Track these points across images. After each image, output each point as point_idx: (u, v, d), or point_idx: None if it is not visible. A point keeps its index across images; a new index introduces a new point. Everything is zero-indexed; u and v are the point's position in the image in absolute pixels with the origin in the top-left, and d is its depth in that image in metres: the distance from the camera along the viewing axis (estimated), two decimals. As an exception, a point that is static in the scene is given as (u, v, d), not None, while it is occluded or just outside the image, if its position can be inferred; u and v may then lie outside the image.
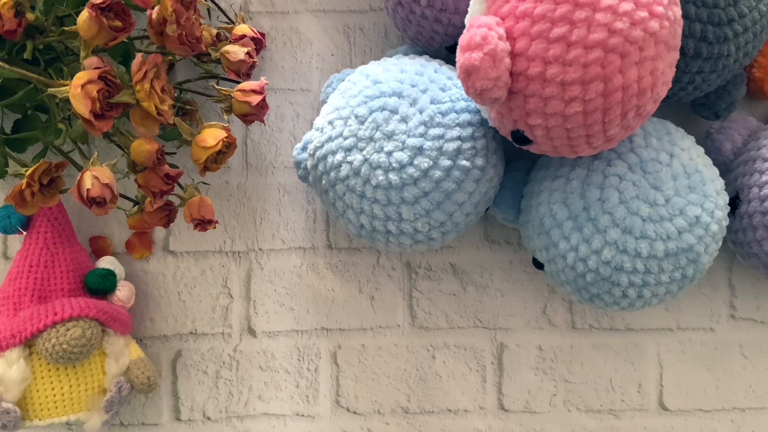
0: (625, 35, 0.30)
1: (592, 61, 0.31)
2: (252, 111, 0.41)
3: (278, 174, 0.50)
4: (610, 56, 0.31)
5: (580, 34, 0.31)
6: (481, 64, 0.31)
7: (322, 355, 0.50)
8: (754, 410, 0.50)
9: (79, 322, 0.42)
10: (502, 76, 0.32)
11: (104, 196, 0.35)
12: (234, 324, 0.50)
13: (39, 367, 0.42)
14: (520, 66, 0.32)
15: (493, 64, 0.31)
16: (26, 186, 0.35)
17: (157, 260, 0.49)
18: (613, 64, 0.31)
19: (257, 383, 0.50)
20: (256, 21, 0.49)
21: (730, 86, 0.43)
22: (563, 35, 0.31)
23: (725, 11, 0.37)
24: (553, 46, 0.31)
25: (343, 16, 0.50)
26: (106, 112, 0.33)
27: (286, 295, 0.50)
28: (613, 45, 0.31)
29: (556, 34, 0.31)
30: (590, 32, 0.31)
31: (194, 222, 0.42)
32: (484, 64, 0.31)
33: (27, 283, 0.43)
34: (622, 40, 0.30)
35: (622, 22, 0.30)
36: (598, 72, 0.31)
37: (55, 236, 0.44)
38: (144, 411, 0.50)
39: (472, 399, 0.50)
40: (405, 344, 0.50)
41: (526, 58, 0.32)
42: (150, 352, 0.49)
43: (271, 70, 0.50)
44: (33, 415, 0.42)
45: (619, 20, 0.30)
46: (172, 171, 0.40)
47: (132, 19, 0.34)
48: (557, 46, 0.31)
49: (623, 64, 0.31)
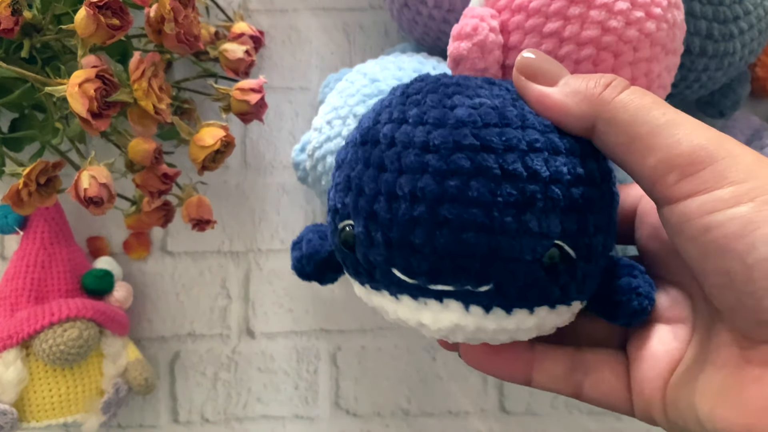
0: (618, 34, 0.30)
1: (584, 58, 0.30)
2: (250, 110, 0.41)
3: (277, 174, 0.49)
4: (603, 54, 0.30)
5: (573, 30, 0.30)
6: (468, 54, 0.31)
7: (322, 357, 0.49)
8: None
9: (76, 323, 0.41)
10: (490, 67, 0.32)
11: (102, 196, 0.35)
12: (232, 325, 0.49)
13: (36, 369, 0.41)
14: (513, 59, 0.32)
15: (482, 54, 0.31)
16: (23, 186, 0.35)
17: (154, 261, 0.49)
18: (606, 63, 0.31)
19: (256, 385, 0.49)
20: (254, 19, 0.49)
21: (735, 84, 0.43)
22: (556, 30, 0.31)
23: (730, 8, 0.37)
24: (546, 41, 0.31)
25: (343, 15, 0.49)
26: (103, 111, 0.33)
27: (285, 296, 0.49)
28: (606, 43, 0.30)
29: (550, 29, 0.31)
30: (583, 29, 0.30)
31: (192, 222, 0.42)
32: (471, 54, 0.31)
33: (24, 284, 0.43)
34: (615, 39, 0.30)
35: (616, 21, 0.30)
36: (590, 69, 0.31)
37: (52, 236, 0.44)
38: (142, 412, 0.49)
39: (473, 401, 0.50)
40: (405, 346, 0.49)
41: (519, 51, 0.32)
42: (148, 354, 0.49)
43: (270, 68, 0.49)
44: (30, 416, 0.41)
45: (614, 18, 0.30)
46: (170, 170, 0.39)
47: (130, 18, 0.33)
48: (550, 41, 0.31)
49: (616, 64, 0.31)
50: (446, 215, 0.20)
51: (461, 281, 0.21)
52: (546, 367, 0.24)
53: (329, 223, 0.25)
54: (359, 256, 0.23)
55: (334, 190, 0.24)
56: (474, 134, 0.21)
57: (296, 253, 0.28)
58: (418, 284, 0.21)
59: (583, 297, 0.23)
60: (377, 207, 0.21)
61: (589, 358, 0.24)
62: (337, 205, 0.24)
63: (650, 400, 0.22)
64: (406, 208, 0.20)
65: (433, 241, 0.20)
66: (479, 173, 0.20)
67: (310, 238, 0.27)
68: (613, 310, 0.23)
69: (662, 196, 0.20)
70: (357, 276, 0.24)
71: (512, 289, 0.21)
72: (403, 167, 0.21)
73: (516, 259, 0.20)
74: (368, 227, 0.22)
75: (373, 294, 0.24)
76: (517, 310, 0.21)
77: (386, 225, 0.21)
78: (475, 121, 0.21)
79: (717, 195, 0.19)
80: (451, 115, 0.21)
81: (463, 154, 0.20)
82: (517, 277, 0.21)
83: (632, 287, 0.23)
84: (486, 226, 0.20)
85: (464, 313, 0.21)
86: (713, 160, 0.19)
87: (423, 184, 0.20)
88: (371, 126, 0.23)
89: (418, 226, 0.20)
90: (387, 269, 0.22)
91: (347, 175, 0.23)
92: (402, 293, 0.22)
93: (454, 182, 0.20)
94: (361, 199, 0.22)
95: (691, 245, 0.20)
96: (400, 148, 0.21)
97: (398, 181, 0.21)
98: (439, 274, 0.21)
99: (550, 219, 0.20)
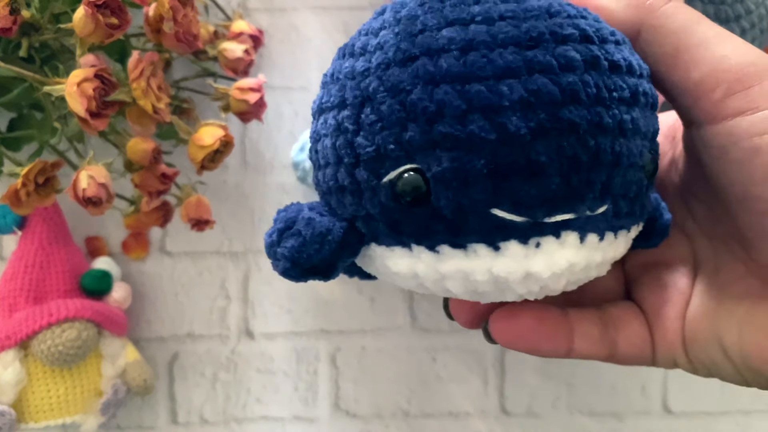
0: None
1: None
2: (250, 109, 0.41)
3: (277, 173, 0.49)
4: None
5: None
6: None
7: (321, 358, 0.49)
8: (759, 413, 0.49)
9: (74, 324, 0.41)
10: None
11: (100, 196, 0.35)
12: (232, 326, 0.49)
13: (34, 369, 0.41)
14: None
15: None
16: (21, 186, 0.35)
17: (153, 261, 0.49)
18: None
19: (255, 386, 0.49)
20: (254, 18, 0.49)
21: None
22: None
23: (732, 8, 0.37)
24: None
25: (342, 14, 0.49)
26: (102, 111, 0.33)
27: (284, 297, 0.49)
28: None
29: None
30: None
31: (191, 222, 0.42)
32: None
33: (22, 284, 0.43)
34: None
35: None
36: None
37: (51, 236, 0.44)
38: (140, 413, 0.49)
39: (473, 402, 0.49)
40: (405, 346, 0.49)
41: None
42: (147, 354, 0.49)
43: (270, 67, 0.49)
44: (28, 417, 0.41)
45: None
46: (169, 170, 0.39)
47: (128, 17, 0.33)
48: None
49: None
50: (572, 119, 0.17)
51: (587, 202, 0.17)
52: (584, 331, 0.23)
53: (366, 179, 0.19)
54: (443, 203, 0.18)
55: (366, 132, 0.18)
56: (569, 24, 0.17)
57: (292, 241, 0.20)
58: (529, 221, 0.17)
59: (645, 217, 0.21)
60: (472, 129, 0.17)
61: (615, 314, 0.23)
62: (383, 149, 0.18)
63: (672, 342, 0.22)
64: (518, 120, 0.16)
65: (561, 155, 0.17)
66: (591, 66, 0.17)
67: (307, 217, 0.20)
68: (650, 229, 0.22)
69: (706, 114, 0.19)
70: (428, 239, 0.18)
71: (625, 205, 0.18)
72: (499, 71, 0.17)
73: (632, 164, 0.18)
74: (461, 159, 0.17)
75: (448, 257, 0.18)
76: (621, 232, 0.19)
77: (491, 149, 0.17)
78: (558, 12, 0.18)
79: (766, 115, 0.18)
80: (525, 5, 0.18)
81: (569, 46, 0.17)
82: (631, 189, 0.18)
83: (658, 201, 0.22)
84: (610, 127, 0.17)
85: (579, 247, 0.18)
86: (763, 78, 0.18)
87: (536, 85, 0.16)
88: (410, 40, 0.18)
89: (540, 140, 0.16)
90: (486, 212, 0.17)
91: (399, 101, 0.17)
92: (507, 239, 0.18)
93: (571, 78, 0.17)
94: (439, 126, 0.17)
95: (737, 168, 0.18)
96: (485, 50, 0.17)
97: (498, 89, 0.16)
98: (565, 199, 0.17)
99: (647, 117, 0.19)
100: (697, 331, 0.21)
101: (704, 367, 0.22)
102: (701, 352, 0.21)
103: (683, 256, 0.23)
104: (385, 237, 0.19)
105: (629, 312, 0.23)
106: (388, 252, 0.20)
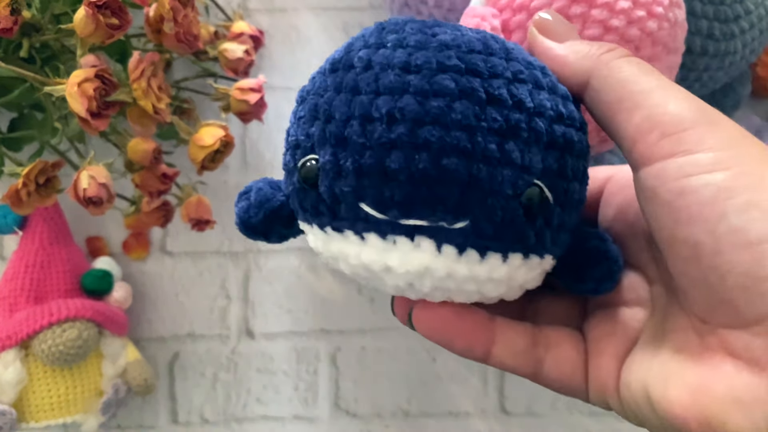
0: (620, 33, 0.30)
1: None
2: (250, 109, 0.41)
3: (277, 173, 0.49)
4: None
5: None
6: None
7: (321, 358, 0.49)
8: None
9: (75, 324, 0.41)
10: None
11: (101, 196, 0.35)
12: (232, 326, 0.49)
13: (35, 369, 0.41)
14: None
15: None
16: (22, 186, 0.35)
17: (154, 261, 0.49)
18: None
19: (255, 386, 0.49)
20: (254, 18, 0.49)
21: (735, 84, 0.43)
22: None
23: (731, 8, 0.37)
24: None
25: (343, 14, 0.49)
26: (102, 111, 0.33)
27: (284, 297, 0.49)
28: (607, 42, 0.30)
29: None
30: (585, 28, 0.30)
31: (192, 222, 0.42)
32: None
33: (23, 284, 0.43)
34: (617, 38, 0.30)
35: (618, 20, 0.30)
36: None
37: (51, 236, 0.44)
38: (141, 413, 0.49)
39: (473, 401, 0.49)
40: (405, 346, 0.49)
41: None
42: (147, 354, 0.49)
43: (270, 68, 0.49)
44: (29, 417, 0.41)
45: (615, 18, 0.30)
46: (169, 170, 0.39)
47: (129, 17, 0.33)
48: None
49: None
50: (427, 137, 0.19)
51: (437, 214, 0.19)
52: (508, 339, 0.23)
53: (287, 163, 0.23)
54: (323, 189, 0.21)
55: (295, 126, 0.22)
56: (459, 57, 0.20)
57: (243, 203, 0.25)
58: (389, 219, 0.20)
59: (556, 251, 0.22)
60: (349, 131, 0.20)
61: (550, 334, 0.23)
62: (299, 138, 0.22)
63: (605, 381, 0.22)
64: (382, 130, 0.19)
65: (411, 166, 0.19)
66: (464, 95, 0.19)
67: (260, 186, 0.25)
68: (582, 274, 0.23)
69: (641, 156, 0.20)
70: (316, 218, 0.22)
71: (489, 227, 0.20)
72: (380, 88, 0.20)
73: (496, 191, 0.19)
74: (337, 155, 0.20)
75: (333, 238, 0.21)
76: (491, 254, 0.20)
77: (358, 150, 0.19)
78: (459, 45, 0.20)
79: (695, 159, 0.18)
80: (433, 40, 0.20)
81: (447, 75, 0.19)
82: (495, 213, 0.19)
83: (602, 251, 0.22)
84: (468, 151, 0.19)
85: (436, 254, 0.20)
86: (696, 123, 0.19)
87: (403, 104, 0.19)
88: (343, 54, 0.22)
89: (396, 150, 0.19)
90: (354, 203, 0.20)
91: (314, 104, 0.21)
92: (369, 231, 0.20)
93: (437, 103, 0.19)
94: (330, 126, 0.20)
95: (664, 211, 0.19)
96: (378, 70, 0.20)
97: (375, 103, 0.19)
98: (414, 206, 0.19)
99: (532, 152, 0.20)
100: (631, 377, 0.21)
101: (634, 416, 0.21)
102: (631, 400, 0.21)
103: (641, 300, 0.23)
104: (299, 213, 0.23)
105: (566, 337, 0.23)
106: (306, 227, 0.23)
